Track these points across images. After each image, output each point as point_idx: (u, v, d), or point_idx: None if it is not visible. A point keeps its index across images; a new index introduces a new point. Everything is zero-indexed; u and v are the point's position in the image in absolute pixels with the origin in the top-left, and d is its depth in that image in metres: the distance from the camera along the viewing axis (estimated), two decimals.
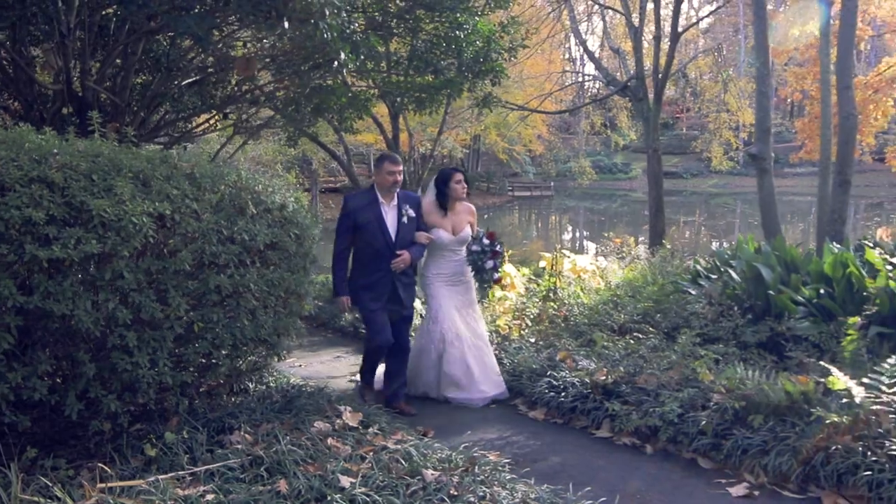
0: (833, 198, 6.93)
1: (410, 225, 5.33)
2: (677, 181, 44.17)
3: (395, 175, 5.24)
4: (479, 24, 8.22)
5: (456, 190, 5.57)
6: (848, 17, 6.91)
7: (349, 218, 5.20)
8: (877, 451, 3.54)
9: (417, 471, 3.26)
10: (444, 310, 5.50)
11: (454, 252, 5.59)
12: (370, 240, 5.17)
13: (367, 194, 5.32)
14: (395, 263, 5.18)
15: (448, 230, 5.56)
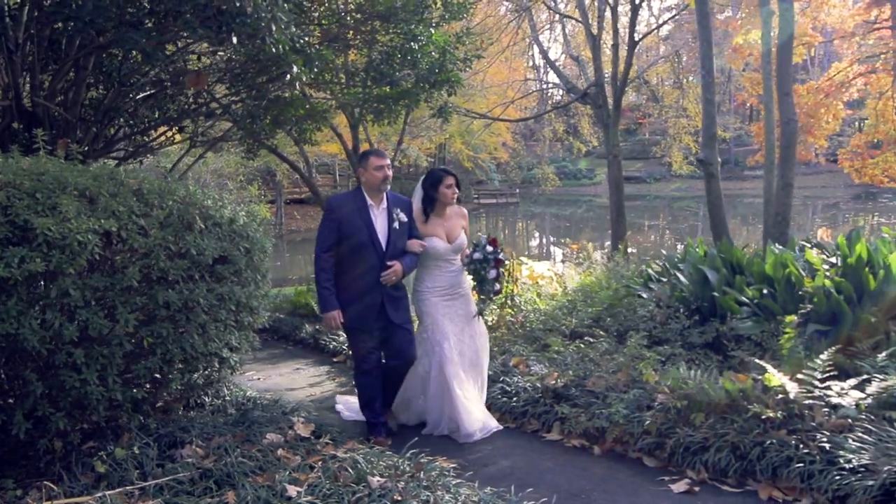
0: (777, 200, 7.14)
1: (402, 231, 4.76)
2: (641, 185, 44.87)
3: (384, 170, 4.65)
4: (435, 36, 8.34)
5: (445, 195, 5.01)
6: (786, 27, 7.15)
7: (333, 223, 4.61)
8: (809, 444, 3.68)
9: (364, 478, 3.32)
10: (442, 328, 4.93)
11: (449, 262, 5.07)
12: (357, 248, 4.60)
13: (354, 196, 4.73)
14: (385, 276, 4.61)
15: (442, 238, 5.03)
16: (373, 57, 8.22)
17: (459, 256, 5.13)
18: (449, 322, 4.97)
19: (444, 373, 4.84)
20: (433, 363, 4.91)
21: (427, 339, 4.97)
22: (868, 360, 4.49)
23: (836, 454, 3.53)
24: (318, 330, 8.46)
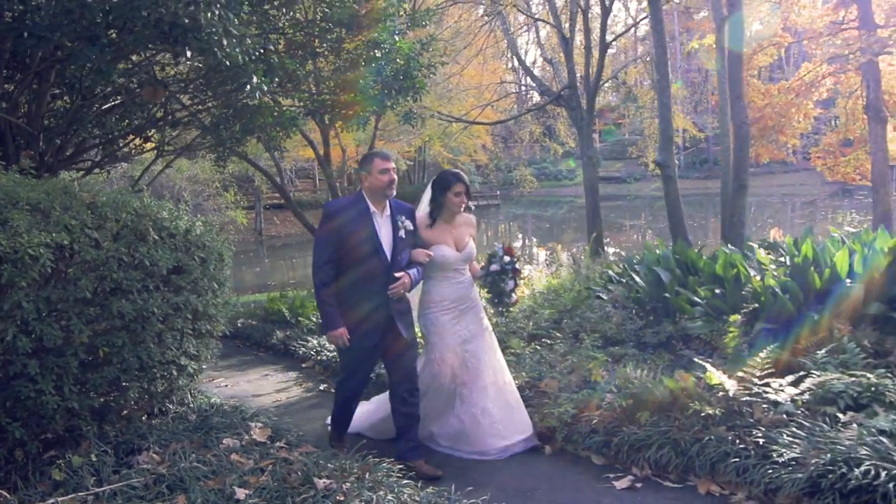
0: (732, 202, 7.31)
1: (408, 240, 4.41)
2: (621, 186, 45.23)
3: (390, 173, 4.28)
4: (400, 43, 8.44)
5: (452, 203, 4.59)
6: (736, 33, 7.32)
7: (333, 232, 4.21)
8: (745, 440, 3.81)
9: (311, 480, 3.42)
10: (453, 348, 4.58)
11: (458, 272, 4.67)
12: (360, 259, 4.22)
13: (355, 202, 4.35)
14: (393, 289, 4.24)
15: (451, 245, 4.63)
16: (338, 65, 8.31)
17: (468, 267, 4.77)
18: (459, 339, 4.60)
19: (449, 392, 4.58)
20: (438, 383, 4.59)
21: (436, 361, 4.60)
22: (810, 357, 4.63)
23: (770, 449, 3.66)
24: (288, 336, 8.55)
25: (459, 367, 4.58)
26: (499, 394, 4.61)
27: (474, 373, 4.59)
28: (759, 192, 43.08)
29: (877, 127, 18.09)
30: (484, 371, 4.61)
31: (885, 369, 4.66)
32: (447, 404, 4.66)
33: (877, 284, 5.35)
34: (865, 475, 3.25)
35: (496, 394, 4.60)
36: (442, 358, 4.57)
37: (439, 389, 4.63)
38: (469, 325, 4.65)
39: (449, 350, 4.56)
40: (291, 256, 30.26)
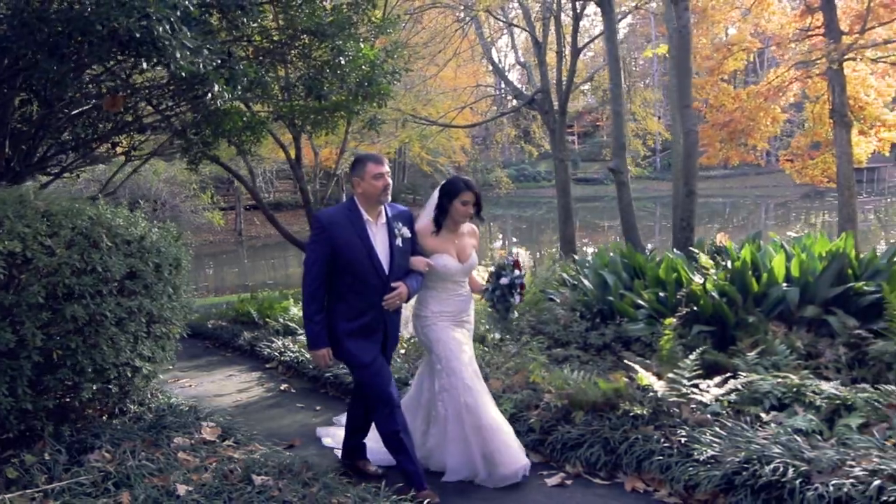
0: (681, 207, 7.54)
1: (406, 248, 4.15)
2: (598, 187, 45.54)
3: (384, 178, 3.99)
4: (365, 50, 8.61)
5: (458, 211, 4.30)
6: (683, 44, 7.55)
7: (325, 243, 3.95)
8: (671, 438, 4.02)
9: (249, 476, 3.59)
10: (459, 356, 4.25)
11: (458, 284, 4.42)
12: (355, 271, 3.97)
13: (347, 210, 4.07)
14: (389, 300, 4.01)
15: (454, 256, 4.37)
16: (304, 71, 8.46)
17: (468, 280, 4.53)
18: (461, 346, 4.32)
19: (471, 410, 4.12)
20: (451, 399, 4.17)
21: (442, 371, 4.23)
22: (742, 359, 4.85)
23: (692, 448, 3.88)
24: (255, 337, 8.68)
25: (469, 377, 4.19)
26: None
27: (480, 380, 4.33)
28: (734, 193, 43.72)
29: (841, 131, 18.44)
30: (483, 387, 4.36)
31: (815, 370, 4.93)
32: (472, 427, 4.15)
33: (812, 288, 5.60)
34: (775, 472, 3.46)
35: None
36: (450, 366, 4.20)
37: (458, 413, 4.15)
38: (465, 338, 4.41)
39: (455, 358, 4.22)
40: (271, 257, 30.33)
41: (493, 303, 4.63)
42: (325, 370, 6.55)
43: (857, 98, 19.35)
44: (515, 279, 4.54)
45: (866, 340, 5.02)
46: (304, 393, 6.64)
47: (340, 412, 5.90)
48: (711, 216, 39.23)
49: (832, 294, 5.52)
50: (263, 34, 8.36)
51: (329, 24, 8.06)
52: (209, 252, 31.43)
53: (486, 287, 4.62)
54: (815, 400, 4.16)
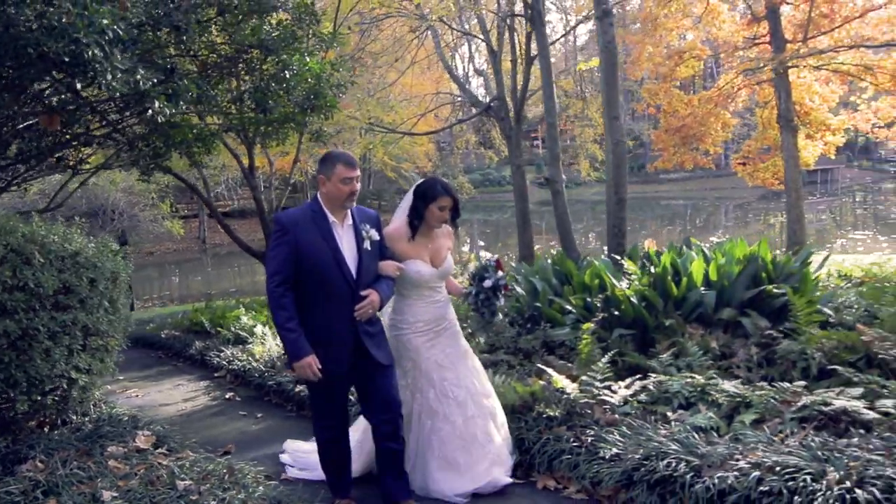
0: (613, 214, 7.82)
1: (374, 252, 3.87)
2: None
3: (353, 184, 3.71)
4: (311, 64, 8.78)
5: (433, 216, 4.09)
6: (609, 58, 7.84)
7: (288, 247, 3.64)
8: (581, 438, 4.26)
9: (173, 482, 3.76)
10: (427, 374, 4.13)
11: (434, 290, 4.20)
12: (320, 277, 3.67)
13: (311, 211, 3.77)
14: (360, 309, 3.71)
15: (427, 261, 4.15)
16: (248, 85, 8.61)
17: (445, 284, 4.32)
18: (436, 366, 4.14)
19: (422, 426, 4.08)
20: (413, 412, 4.12)
21: (408, 387, 4.14)
22: (657, 360, 5.12)
23: (599, 446, 4.11)
24: (206, 346, 8.79)
25: (433, 398, 4.09)
26: (487, 418, 4.21)
27: (461, 402, 4.12)
28: (693, 195, 44.55)
29: (788, 135, 19.03)
30: (469, 400, 4.16)
31: (727, 370, 5.21)
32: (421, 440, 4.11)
33: (729, 291, 5.89)
34: (668, 467, 3.70)
35: (484, 424, 4.18)
36: (415, 384, 4.10)
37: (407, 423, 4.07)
38: (446, 349, 4.20)
39: (423, 377, 4.10)
40: (236, 264, 30.27)
41: (476, 307, 4.45)
42: (270, 381, 6.74)
43: (802, 104, 19.95)
44: (499, 280, 4.37)
45: (776, 340, 5.31)
46: (248, 401, 6.78)
47: (281, 419, 6.11)
48: (673, 218, 39.96)
49: (747, 297, 5.82)
50: (210, 48, 8.51)
51: (273, 38, 8.22)
52: (173, 260, 31.34)
53: (467, 291, 4.44)
54: (717, 398, 4.43)
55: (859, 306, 6.05)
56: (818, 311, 5.72)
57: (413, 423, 4.12)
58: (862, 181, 47.31)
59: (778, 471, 3.41)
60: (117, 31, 4.86)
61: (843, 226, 33.01)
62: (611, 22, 7.47)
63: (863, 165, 50.14)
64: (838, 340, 5.05)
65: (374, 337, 3.86)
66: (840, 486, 3.23)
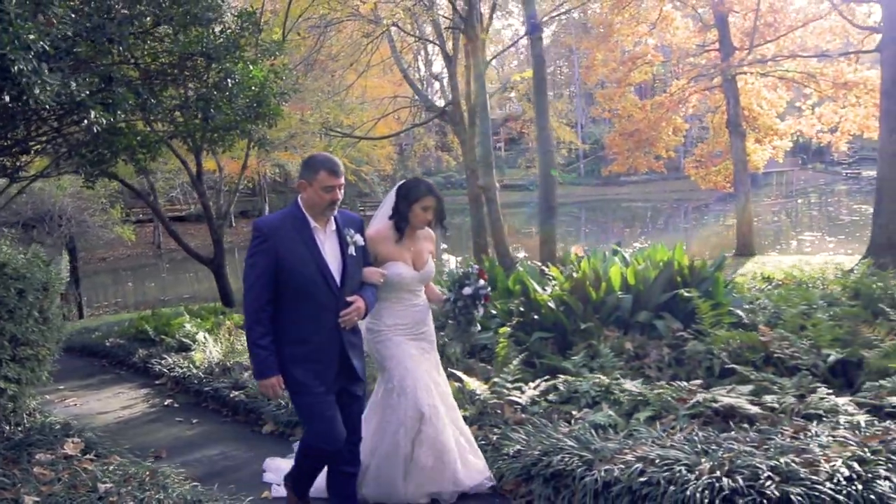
0: (543, 222, 8.09)
1: (359, 258, 3.70)
2: (525, 193, 46.46)
3: (335, 192, 3.52)
4: (255, 72, 8.93)
5: (418, 217, 3.98)
6: (539, 71, 8.13)
7: (269, 255, 3.42)
8: (489, 436, 4.48)
9: (95, 486, 3.91)
10: (413, 373, 3.94)
11: (414, 294, 4.08)
12: (303, 284, 3.47)
13: (291, 217, 3.56)
14: (345, 316, 3.54)
15: (409, 263, 4.03)
16: (189, 93, 8.72)
17: (425, 289, 4.21)
18: (417, 361, 4.01)
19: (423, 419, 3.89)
20: (405, 415, 3.89)
21: (393, 390, 3.93)
22: (570, 362, 5.37)
23: (504, 443, 4.33)
24: (150, 354, 8.86)
25: (424, 400, 3.90)
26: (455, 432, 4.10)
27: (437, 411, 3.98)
28: (653, 197, 45.26)
29: (737, 140, 19.61)
30: (443, 404, 4.07)
31: (639, 370, 5.48)
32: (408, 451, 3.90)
33: (645, 295, 6.17)
34: (562, 461, 3.94)
35: (456, 431, 4.10)
36: (401, 385, 3.91)
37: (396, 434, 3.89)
38: (425, 353, 4.11)
39: (409, 375, 3.92)
40: (193, 270, 30.10)
41: (454, 314, 4.24)
42: (207, 387, 6.88)
43: (750, 109, 20.51)
44: (479, 289, 4.17)
45: (686, 341, 5.59)
46: (186, 407, 6.90)
47: (217, 424, 6.26)
48: (634, 219, 40.56)
49: (663, 300, 6.10)
50: (153, 56, 8.60)
51: (216, 47, 8.34)
52: (127, 266, 31.09)
53: (446, 297, 4.26)
54: (619, 397, 4.68)
55: (769, 308, 6.36)
56: (730, 313, 6.04)
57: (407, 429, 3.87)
58: (816, 183, 48.49)
59: (658, 463, 3.66)
60: (44, 46, 4.98)
61: (796, 227, 33.84)
62: (539, 37, 7.72)
63: (816, 168, 51.37)
64: (741, 341, 5.35)
65: (356, 347, 3.71)
66: (711, 475, 3.49)
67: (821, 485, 3.40)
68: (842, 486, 3.38)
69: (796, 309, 5.94)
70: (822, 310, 6.16)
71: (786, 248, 24.76)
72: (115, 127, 8.63)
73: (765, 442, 3.85)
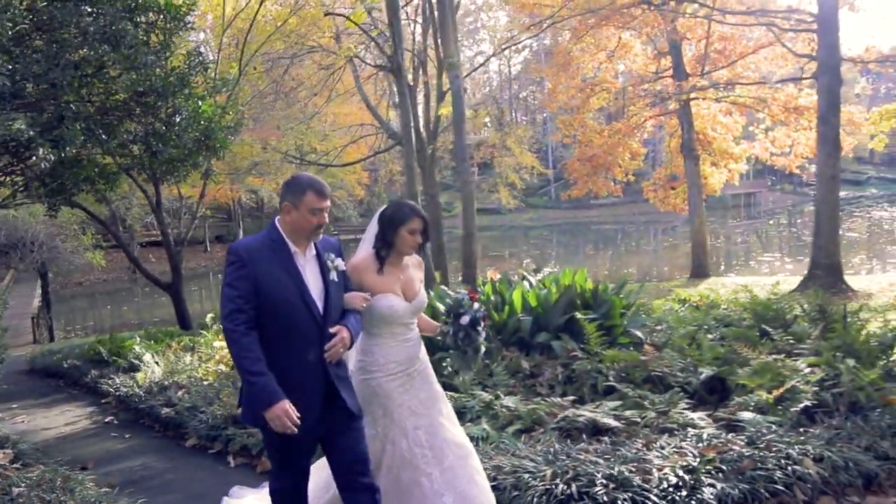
0: (463, 248, 8.63)
1: (340, 284, 3.43)
2: (495, 217, 47.24)
3: (322, 215, 3.29)
4: (204, 107, 9.44)
5: (405, 241, 3.64)
6: (457, 105, 8.69)
7: (247, 281, 3.15)
8: None
9: (10, 489, 4.37)
10: (400, 421, 3.65)
11: (407, 327, 3.73)
12: (284, 313, 3.21)
13: (270, 241, 3.29)
14: (331, 348, 3.24)
15: (399, 294, 3.66)
16: (136, 129, 9.17)
17: (417, 321, 3.88)
18: (409, 413, 3.68)
19: (396, 479, 3.59)
20: (383, 464, 3.62)
21: (377, 437, 3.65)
22: (461, 381, 5.84)
23: None
24: (101, 375, 9.26)
25: (407, 448, 3.62)
26: (468, 471, 3.70)
27: (437, 452, 3.67)
28: (623, 219, 46.07)
29: (691, 164, 20.29)
30: (446, 448, 3.70)
31: (532, 388, 5.97)
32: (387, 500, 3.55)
33: (546, 317, 6.69)
34: None
35: (464, 472, 3.67)
36: (385, 434, 3.64)
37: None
38: (419, 394, 3.75)
39: (395, 426, 3.64)
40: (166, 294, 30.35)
41: (456, 345, 4.01)
42: (143, 405, 7.31)
43: (705, 133, 21.23)
44: (476, 314, 3.95)
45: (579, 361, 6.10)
46: (125, 424, 7.32)
47: (147, 439, 6.71)
48: (605, 242, 41.24)
49: (562, 322, 6.61)
50: (107, 93, 9.08)
51: (164, 85, 8.82)
52: (103, 290, 31.41)
53: (444, 330, 4.03)
54: (499, 412, 5.18)
55: (667, 329, 6.88)
56: (626, 333, 6.58)
57: (382, 475, 3.59)
58: (784, 204, 49.54)
59: (508, 470, 4.16)
60: None
61: (758, 248, 34.58)
62: (456, 73, 8.32)
63: (785, 189, 52.47)
64: (625, 360, 5.87)
65: (345, 381, 3.39)
66: (551, 482, 3.99)
67: (648, 491, 3.88)
68: (668, 493, 3.87)
69: (685, 329, 6.46)
70: (713, 330, 6.70)
71: (743, 270, 25.44)
72: (76, 159, 9.15)
73: (613, 453, 4.34)
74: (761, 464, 3.97)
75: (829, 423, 4.47)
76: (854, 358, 5.02)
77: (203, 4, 14.53)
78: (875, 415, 4.43)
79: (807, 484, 3.86)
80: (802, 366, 5.14)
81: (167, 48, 9.12)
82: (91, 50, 7.42)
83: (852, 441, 4.17)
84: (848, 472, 3.93)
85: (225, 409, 6.25)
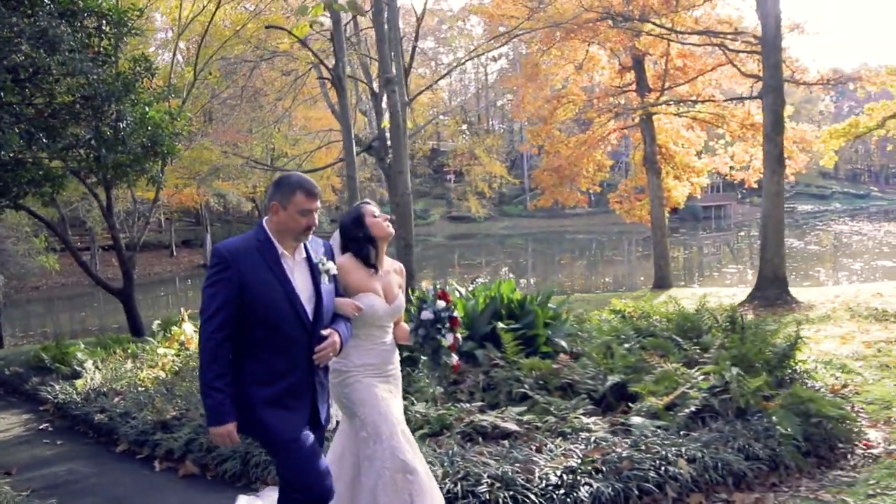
0: (401, 258, 8.74)
1: (331, 288, 3.35)
2: (471, 225, 47.55)
3: (311, 216, 3.17)
4: (151, 113, 9.50)
5: (377, 226, 3.67)
6: (395, 120, 8.84)
7: (232, 285, 3.04)
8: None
9: None
10: (388, 419, 3.56)
11: (384, 330, 3.72)
12: (272, 318, 3.10)
13: (256, 242, 3.16)
14: (321, 351, 3.17)
15: (381, 295, 3.66)
16: (82, 133, 9.20)
17: (395, 327, 3.83)
18: (394, 408, 3.66)
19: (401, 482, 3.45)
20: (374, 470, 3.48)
21: (368, 438, 3.53)
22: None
23: None
24: (42, 382, 9.22)
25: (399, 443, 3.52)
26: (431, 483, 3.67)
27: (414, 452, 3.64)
28: (596, 229, 46.49)
29: (653, 177, 20.56)
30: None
31: (452, 395, 6.08)
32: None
33: (473, 326, 6.80)
34: None
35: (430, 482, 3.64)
36: (377, 431, 3.52)
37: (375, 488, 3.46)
38: (395, 396, 3.76)
39: (384, 421, 3.54)
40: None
41: (419, 344, 3.80)
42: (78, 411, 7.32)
43: (667, 147, 21.52)
44: (440, 312, 3.71)
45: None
46: (60, 431, 7.33)
47: (79, 445, 6.74)
48: (580, 251, 41.54)
49: (487, 331, 6.74)
50: (49, 97, 9.11)
51: (107, 89, 8.87)
52: (62, 295, 31.03)
53: (410, 328, 3.85)
54: (411, 417, 5.29)
55: (590, 339, 7.02)
56: (549, 342, 6.71)
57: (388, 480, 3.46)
58: (753, 217, 50.15)
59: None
60: None
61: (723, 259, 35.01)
62: (394, 89, 8.46)
63: (753, 202, 53.14)
64: (540, 369, 6.00)
65: (325, 391, 3.36)
66: (441, 481, 4.12)
67: (529, 490, 4.04)
68: (547, 491, 4.04)
69: (601, 339, 6.61)
70: (631, 340, 6.84)
71: (706, 280, 25.76)
72: (18, 161, 9.16)
73: (506, 455, 4.48)
74: (638, 465, 4.15)
75: (714, 426, 4.66)
76: (748, 367, 5.20)
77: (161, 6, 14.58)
78: (755, 419, 4.65)
79: (677, 483, 4.04)
80: (697, 374, 5.31)
81: (113, 53, 9.20)
82: (23, 56, 7.47)
83: (728, 443, 4.38)
84: (718, 472, 4.14)
85: (156, 415, 6.31)
